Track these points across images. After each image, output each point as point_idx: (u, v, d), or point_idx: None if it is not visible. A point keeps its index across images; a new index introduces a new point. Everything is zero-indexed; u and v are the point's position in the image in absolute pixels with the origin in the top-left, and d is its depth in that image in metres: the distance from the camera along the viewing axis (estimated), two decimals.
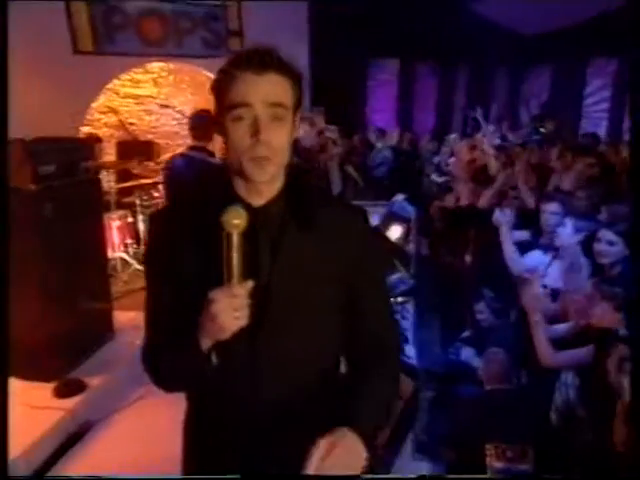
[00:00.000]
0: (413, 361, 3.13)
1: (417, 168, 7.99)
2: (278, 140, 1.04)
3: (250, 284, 1.01)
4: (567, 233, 3.31)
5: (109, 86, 6.47)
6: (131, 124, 6.74)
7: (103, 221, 3.85)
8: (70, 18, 5.86)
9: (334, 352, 1.21)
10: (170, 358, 1.10)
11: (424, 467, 2.58)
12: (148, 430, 2.76)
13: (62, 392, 2.70)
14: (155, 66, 6.86)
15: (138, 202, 5.16)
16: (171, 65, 6.95)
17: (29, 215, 2.95)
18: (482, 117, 7.49)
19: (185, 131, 5.40)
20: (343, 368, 1.24)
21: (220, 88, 1.05)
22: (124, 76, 6.61)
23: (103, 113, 6.53)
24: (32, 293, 2.91)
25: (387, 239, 5.63)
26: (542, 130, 8.00)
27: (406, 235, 6.26)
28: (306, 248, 1.09)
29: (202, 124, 3.32)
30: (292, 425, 1.11)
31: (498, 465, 2.41)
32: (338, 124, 8.47)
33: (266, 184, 1.08)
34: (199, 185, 1.15)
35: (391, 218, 6.67)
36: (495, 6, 8.08)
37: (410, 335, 3.49)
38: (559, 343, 2.55)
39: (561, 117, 8.66)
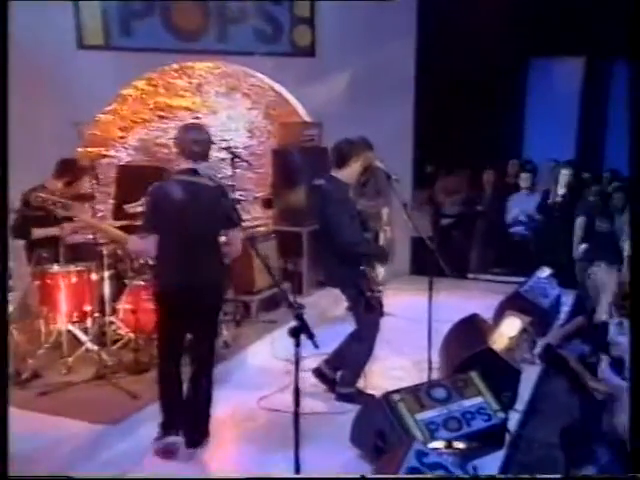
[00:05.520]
0: None
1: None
2: None
3: None
4: None
5: (130, 93, 4.98)
6: (159, 145, 5.15)
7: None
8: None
9: None
10: None
11: None
12: None
13: None
14: (202, 67, 5.26)
15: (106, 252, 3.53)
16: (223, 67, 5.28)
17: None
18: None
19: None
20: None
21: None
22: (158, 81, 5.10)
23: (123, 129, 5.04)
24: None
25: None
26: None
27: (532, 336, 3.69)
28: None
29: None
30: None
31: None
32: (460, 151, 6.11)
33: None
34: None
35: (514, 303, 4.09)
36: None
37: None
38: None
39: None
